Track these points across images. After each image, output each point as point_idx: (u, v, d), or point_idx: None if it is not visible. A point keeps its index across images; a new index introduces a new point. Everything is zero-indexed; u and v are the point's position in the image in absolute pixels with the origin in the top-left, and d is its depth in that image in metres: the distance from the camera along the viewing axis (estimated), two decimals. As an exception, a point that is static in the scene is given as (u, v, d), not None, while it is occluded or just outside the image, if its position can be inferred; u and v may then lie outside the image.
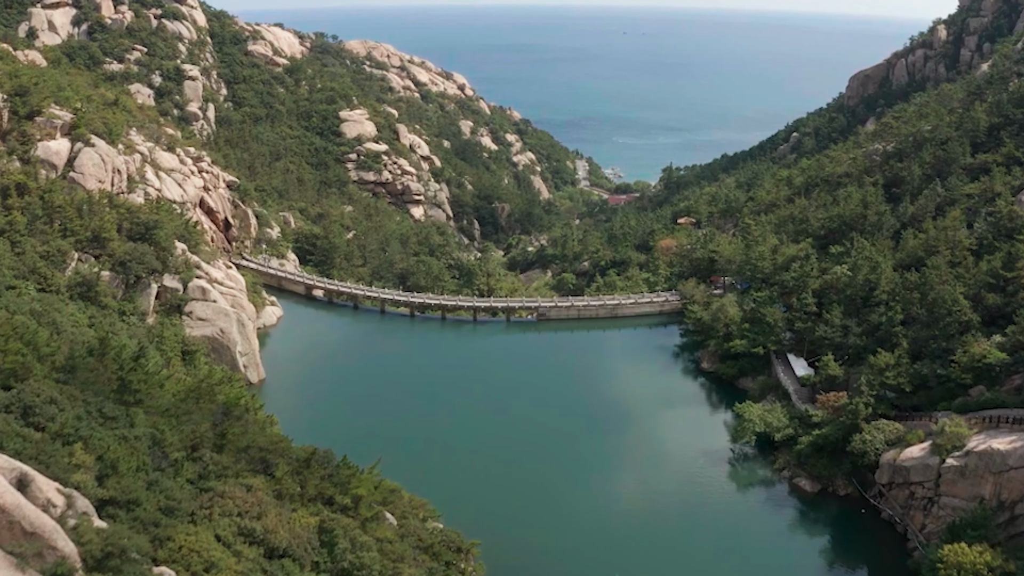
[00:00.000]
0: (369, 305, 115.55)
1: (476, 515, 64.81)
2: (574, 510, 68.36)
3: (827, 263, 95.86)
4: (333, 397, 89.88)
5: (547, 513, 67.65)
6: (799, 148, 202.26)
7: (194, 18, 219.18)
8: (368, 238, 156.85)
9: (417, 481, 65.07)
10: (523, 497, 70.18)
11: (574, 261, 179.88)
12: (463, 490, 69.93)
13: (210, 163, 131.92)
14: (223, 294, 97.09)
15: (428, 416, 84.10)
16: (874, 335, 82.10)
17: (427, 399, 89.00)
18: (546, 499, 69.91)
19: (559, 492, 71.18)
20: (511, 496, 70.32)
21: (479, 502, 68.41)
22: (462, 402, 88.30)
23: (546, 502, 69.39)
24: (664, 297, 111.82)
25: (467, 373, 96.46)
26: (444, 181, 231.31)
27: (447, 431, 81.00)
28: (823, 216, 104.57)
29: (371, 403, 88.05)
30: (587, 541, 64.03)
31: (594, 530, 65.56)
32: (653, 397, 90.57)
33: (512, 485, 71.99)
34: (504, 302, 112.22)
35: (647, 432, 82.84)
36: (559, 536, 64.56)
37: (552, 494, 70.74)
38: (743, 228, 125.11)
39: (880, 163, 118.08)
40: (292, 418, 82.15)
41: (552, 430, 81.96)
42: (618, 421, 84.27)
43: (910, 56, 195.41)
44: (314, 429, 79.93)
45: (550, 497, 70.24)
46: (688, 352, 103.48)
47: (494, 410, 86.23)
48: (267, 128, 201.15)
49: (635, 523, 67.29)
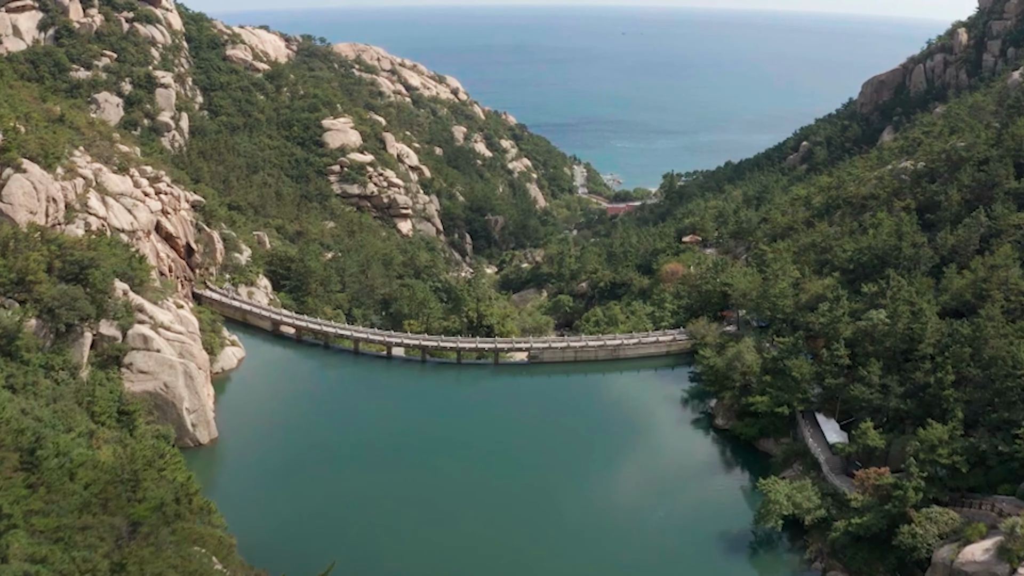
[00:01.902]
0: (342, 344, 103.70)
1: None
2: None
3: (859, 303, 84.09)
4: (294, 463, 77.80)
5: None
6: (810, 159, 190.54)
7: (169, 21, 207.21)
8: (348, 260, 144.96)
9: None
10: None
11: (571, 281, 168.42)
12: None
13: (170, 183, 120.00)
14: (170, 341, 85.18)
15: (399, 491, 72.14)
16: (919, 397, 70.38)
17: (400, 465, 77.11)
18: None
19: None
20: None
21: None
22: (441, 468, 76.42)
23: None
24: (671, 336, 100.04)
25: (447, 431, 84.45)
26: (434, 193, 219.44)
27: (421, 510, 69.16)
28: (851, 247, 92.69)
29: (336, 470, 76.15)
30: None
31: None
32: (661, 463, 78.84)
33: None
34: (492, 343, 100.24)
35: (654, 506, 71.12)
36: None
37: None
38: (757, 255, 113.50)
39: (910, 184, 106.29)
40: (241, 496, 70.68)
41: (544, 508, 70.13)
42: (621, 494, 72.71)
43: (928, 61, 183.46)
44: (266, 512, 68.58)
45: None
46: (699, 402, 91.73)
47: (477, 482, 74.39)
48: (245, 138, 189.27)
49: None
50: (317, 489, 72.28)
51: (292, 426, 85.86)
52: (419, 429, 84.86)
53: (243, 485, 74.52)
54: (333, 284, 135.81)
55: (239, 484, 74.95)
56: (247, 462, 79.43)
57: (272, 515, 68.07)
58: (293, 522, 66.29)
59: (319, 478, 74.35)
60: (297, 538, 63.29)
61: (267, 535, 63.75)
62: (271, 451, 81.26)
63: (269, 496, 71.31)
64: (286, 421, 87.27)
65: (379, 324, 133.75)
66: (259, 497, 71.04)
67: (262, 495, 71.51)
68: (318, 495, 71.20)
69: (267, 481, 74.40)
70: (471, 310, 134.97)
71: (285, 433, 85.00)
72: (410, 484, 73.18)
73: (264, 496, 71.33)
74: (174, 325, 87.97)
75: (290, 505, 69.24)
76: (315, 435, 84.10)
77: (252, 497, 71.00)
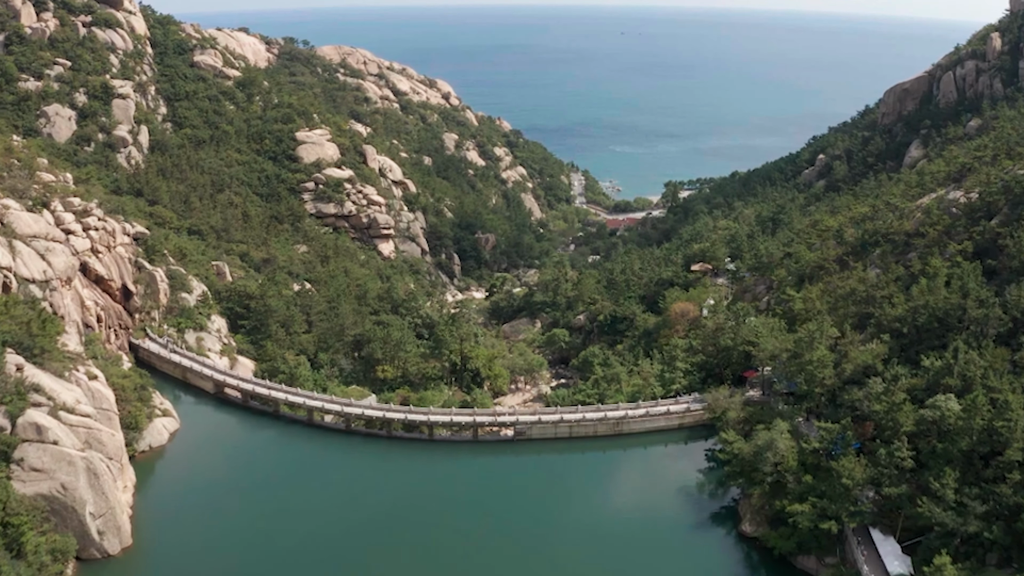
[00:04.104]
0: (294, 413, 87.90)
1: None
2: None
3: (917, 377, 68.34)
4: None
5: None
6: (829, 175, 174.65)
7: (132, 25, 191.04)
8: (316, 296, 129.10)
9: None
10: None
11: (567, 311, 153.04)
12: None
13: (104, 215, 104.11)
14: (73, 427, 69.33)
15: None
16: (1008, 520, 54.71)
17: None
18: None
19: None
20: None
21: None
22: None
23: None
24: (685, 405, 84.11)
25: (414, 534, 68.64)
26: (420, 209, 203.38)
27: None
28: (903, 305, 76.77)
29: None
30: None
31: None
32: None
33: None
34: (470, 414, 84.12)
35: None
36: None
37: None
38: (783, 300, 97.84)
39: (963, 218, 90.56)
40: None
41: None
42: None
43: (958, 68, 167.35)
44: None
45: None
46: (719, 491, 75.87)
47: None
48: (211, 153, 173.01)
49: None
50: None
51: (229, 525, 70.58)
52: (380, 529, 69.41)
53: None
54: (297, 324, 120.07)
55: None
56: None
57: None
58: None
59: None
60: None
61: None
62: (201, 560, 65.73)
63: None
64: (222, 517, 71.84)
65: (349, 369, 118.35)
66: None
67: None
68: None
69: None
70: (454, 352, 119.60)
71: (220, 534, 69.71)
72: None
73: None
74: (80, 405, 71.99)
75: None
76: (256, 537, 68.67)
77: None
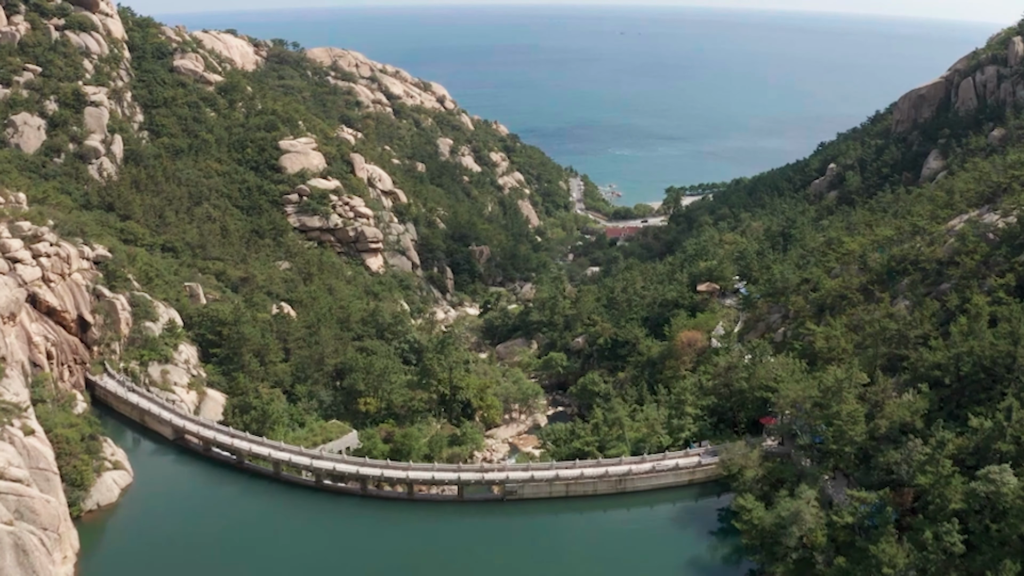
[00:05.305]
0: (261, 465, 78.96)
1: None
2: None
3: (964, 437, 59.58)
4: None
5: None
6: (841, 186, 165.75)
7: (108, 28, 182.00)
8: (295, 321, 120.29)
9: None
10: None
11: (565, 332, 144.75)
12: None
13: (56, 240, 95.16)
14: (2, 494, 60.49)
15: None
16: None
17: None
18: None
19: None
20: None
21: None
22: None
23: None
24: (696, 458, 75.14)
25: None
26: (411, 220, 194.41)
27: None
28: (943, 351, 67.89)
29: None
30: None
31: None
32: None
33: None
34: (455, 470, 75.02)
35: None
36: None
37: None
38: (801, 335, 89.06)
39: (1003, 246, 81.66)
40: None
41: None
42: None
43: (978, 74, 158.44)
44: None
45: None
46: (735, 556, 67.10)
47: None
48: (189, 163, 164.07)
49: None
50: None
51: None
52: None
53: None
54: (273, 353, 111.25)
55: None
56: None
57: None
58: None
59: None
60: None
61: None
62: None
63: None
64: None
65: (329, 402, 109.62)
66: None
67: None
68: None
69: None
70: (443, 383, 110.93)
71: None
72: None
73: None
74: (10, 468, 63.01)
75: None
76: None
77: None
